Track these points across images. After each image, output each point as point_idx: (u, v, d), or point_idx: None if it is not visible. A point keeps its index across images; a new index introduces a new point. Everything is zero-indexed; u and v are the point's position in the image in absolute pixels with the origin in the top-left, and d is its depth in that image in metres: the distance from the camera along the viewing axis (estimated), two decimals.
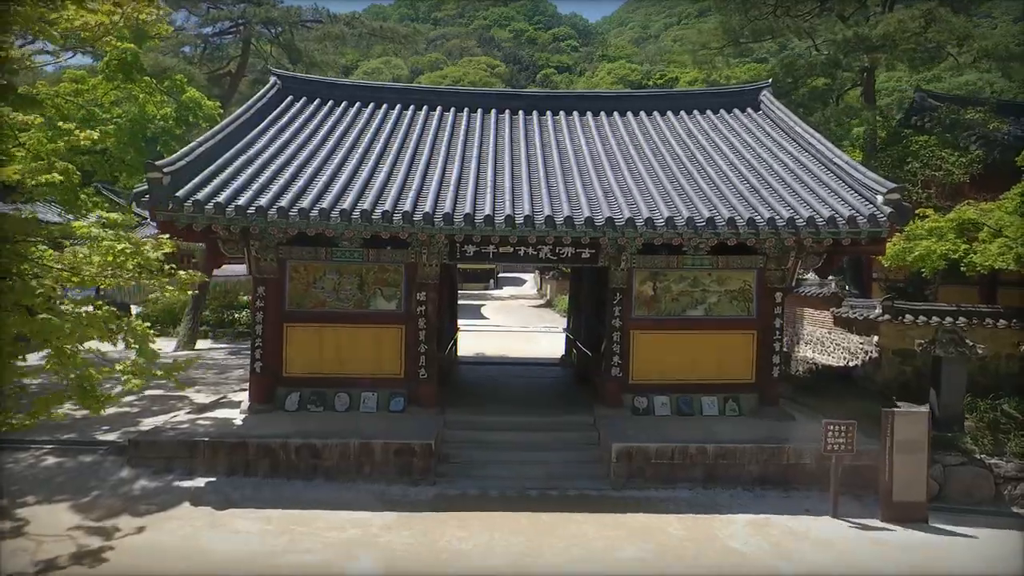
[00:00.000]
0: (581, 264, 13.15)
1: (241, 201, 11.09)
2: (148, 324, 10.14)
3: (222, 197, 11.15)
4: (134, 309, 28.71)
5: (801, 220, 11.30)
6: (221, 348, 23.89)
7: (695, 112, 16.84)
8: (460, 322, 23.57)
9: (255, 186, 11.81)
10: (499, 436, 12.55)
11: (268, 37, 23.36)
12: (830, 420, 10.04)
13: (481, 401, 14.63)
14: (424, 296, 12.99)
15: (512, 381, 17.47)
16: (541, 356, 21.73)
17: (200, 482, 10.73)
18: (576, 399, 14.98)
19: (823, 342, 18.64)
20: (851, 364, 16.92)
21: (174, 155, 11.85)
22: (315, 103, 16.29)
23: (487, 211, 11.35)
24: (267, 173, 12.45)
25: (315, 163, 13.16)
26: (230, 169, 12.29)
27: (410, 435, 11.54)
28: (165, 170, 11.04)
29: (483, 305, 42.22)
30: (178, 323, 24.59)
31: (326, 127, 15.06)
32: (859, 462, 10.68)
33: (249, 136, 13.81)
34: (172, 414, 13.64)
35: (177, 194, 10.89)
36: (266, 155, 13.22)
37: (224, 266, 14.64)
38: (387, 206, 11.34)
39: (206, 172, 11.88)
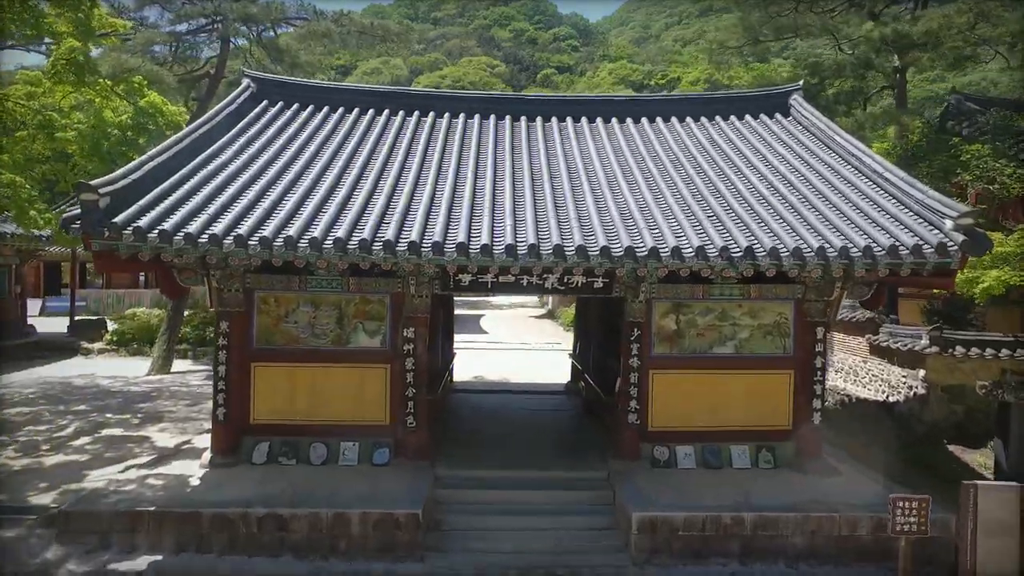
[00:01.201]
0: (592, 294, 11.44)
1: (192, 228, 9.36)
2: None
3: (171, 222, 9.41)
4: (110, 326, 27.04)
5: (856, 250, 9.56)
6: (199, 371, 22.15)
7: (717, 118, 15.09)
8: (458, 337, 21.93)
9: (213, 207, 10.08)
10: (498, 495, 10.82)
11: (247, 35, 21.57)
12: (899, 495, 8.32)
13: (478, 446, 12.89)
14: (412, 332, 11.25)
15: (513, 415, 15.76)
16: (544, 382, 20.00)
17: (141, 563, 8.96)
18: (586, 442, 13.26)
19: (856, 371, 16.93)
20: (891, 399, 15.21)
21: (118, 171, 10.11)
22: (293, 108, 14.55)
23: (484, 239, 9.60)
24: (230, 191, 10.74)
25: (287, 179, 11.44)
26: (187, 186, 10.56)
27: (394, 500, 9.82)
28: (103, 190, 9.30)
29: (482, 316, 40.55)
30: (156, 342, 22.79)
31: (303, 136, 13.32)
32: None
33: (214, 147, 12.08)
34: (124, 465, 11.92)
35: (116, 219, 9.15)
36: (231, 169, 11.50)
37: None
38: (366, 233, 9.60)
39: (157, 191, 10.14)
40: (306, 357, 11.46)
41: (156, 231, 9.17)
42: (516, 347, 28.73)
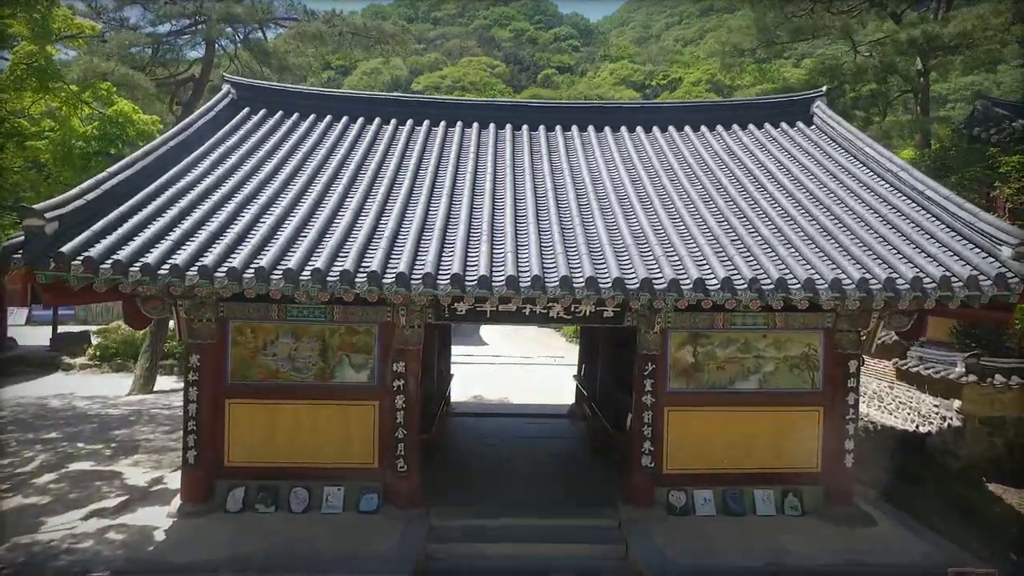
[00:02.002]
0: (601, 324, 10.34)
1: (152, 257, 8.28)
2: None
3: (128, 250, 8.34)
4: (94, 339, 25.94)
5: (903, 282, 8.49)
6: None
7: (735, 127, 14.00)
8: (456, 349, 20.86)
9: (179, 231, 9.02)
10: (499, 550, 9.72)
11: (231, 37, 20.45)
12: (959, 569, 7.26)
13: (477, 483, 11.81)
14: (403, 366, 10.17)
15: (514, 443, 14.69)
16: (547, 404, 18.89)
17: None
18: (592, 479, 12.14)
19: (881, 397, 15.82)
20: (922, 429, 14.10)
21: (70, 192, 9.03)
22: (276, 117, 13.47)
23: (482, 269, 8.52)
24: (200, 211, 9.67)
25: (265, 196, 10.38)
26: (151, 207, 9.50)
27: (382, 560, 8.76)
28: (50, 214, 8.24)
29: (482, 324, 39.42)
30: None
31: (285, 148, 12.24)
32: None
33: (185, 161, 11.02)
34: (87, 511, 10.80)
35: (64, 248, 8.07)
36: (203, 186, 10.43)
37: None
38: (349, 263, 8.51)
39: (116, 213, 9.08)
40: (286, 393, 10.41)
41: (110, 261, 8.09)
42: (517, 362, 27.65)
